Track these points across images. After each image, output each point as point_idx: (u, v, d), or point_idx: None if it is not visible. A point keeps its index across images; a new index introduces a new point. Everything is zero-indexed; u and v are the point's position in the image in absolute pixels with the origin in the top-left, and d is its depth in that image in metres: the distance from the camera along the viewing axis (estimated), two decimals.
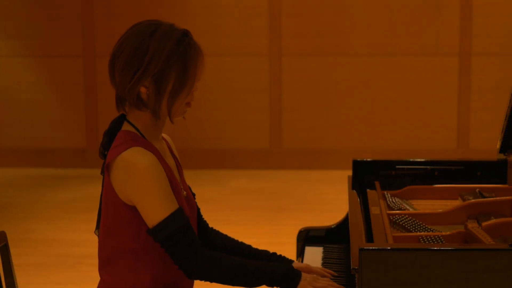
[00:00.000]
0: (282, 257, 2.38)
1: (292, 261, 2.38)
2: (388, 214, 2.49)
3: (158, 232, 2.08)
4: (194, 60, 2.14)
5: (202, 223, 2.41)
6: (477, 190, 2.76)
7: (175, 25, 2.16)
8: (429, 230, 2.41)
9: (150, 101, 2.14)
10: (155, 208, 2.08)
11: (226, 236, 2.44)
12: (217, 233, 2.44)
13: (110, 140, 2.19)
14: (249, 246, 2.41)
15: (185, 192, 2.26)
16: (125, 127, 2.20)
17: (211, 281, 2.13)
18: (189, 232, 2.10)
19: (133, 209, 2.12)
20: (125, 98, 2.17)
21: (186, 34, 2.16)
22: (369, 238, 2.26)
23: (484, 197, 2.67)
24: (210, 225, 2.49)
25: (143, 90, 2.13)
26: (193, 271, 2.10)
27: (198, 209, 2.41)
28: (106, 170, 2.14)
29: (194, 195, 2.40)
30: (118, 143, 2.14)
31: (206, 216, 2.72)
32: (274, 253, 2.39)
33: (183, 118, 2.22)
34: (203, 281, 2.16)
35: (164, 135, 2.35)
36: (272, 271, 2.13)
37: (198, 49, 2.16)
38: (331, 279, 2.31)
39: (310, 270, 2.33)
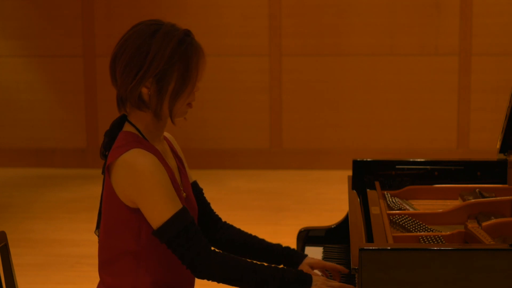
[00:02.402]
0: (295, 252, 2.36)
1: (305, 256, 2.37)
2: (388, 214, 2.49)
3: (164, 233, 2.06)
4: (195, 60, 2.13)
5: (212, 218, 2.40)
6: (477, 190, 2.76)
7: (177, 25, 2.16)
8: (429, 230, 2.41)
9: (152, 102, 2.13)
10: (159, 209, 2.07)
11: (238, 230, 2.40)
12: (229, 228, 2.41)
13: (111, 140, 2.18)
14: (262, 240, 2.37)
15: (184, 194, 2.25)
16: (126, 127, 2.19)
17: (218, 281, 2.11)
18: (194, 231, 2.08)
19: (134, 211, 2.12)
20: (126, 99, 2.16)
21: (187, 34, 2.15)
22: (369, 238, 2.26)
23: (484, 197, 2.67)
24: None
25: (144, 90, 2.12)
26: (201, 271, 2.08)
27: (208, 204, 2.40)
28: (106, 171, 2.14)
29: (201, 190, 2.39)
30: (119, 144, 2.13)
31: None
32: (287, 247, 2.37)
33: (184, 118, 2.21)
34: (210, 282, 2.15)
35: (166, 134, 2.34)
36: (282, 275, 2.10)
37: (199, 49, 2.15)
38: (342, 276, 2.33)
39: (323, 266, 2.33)
